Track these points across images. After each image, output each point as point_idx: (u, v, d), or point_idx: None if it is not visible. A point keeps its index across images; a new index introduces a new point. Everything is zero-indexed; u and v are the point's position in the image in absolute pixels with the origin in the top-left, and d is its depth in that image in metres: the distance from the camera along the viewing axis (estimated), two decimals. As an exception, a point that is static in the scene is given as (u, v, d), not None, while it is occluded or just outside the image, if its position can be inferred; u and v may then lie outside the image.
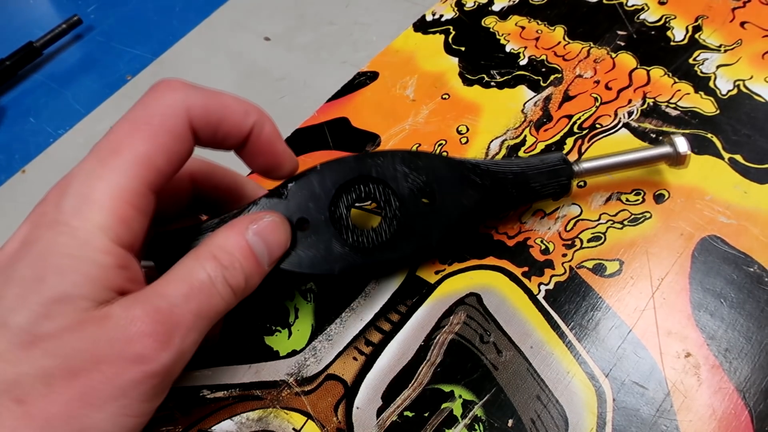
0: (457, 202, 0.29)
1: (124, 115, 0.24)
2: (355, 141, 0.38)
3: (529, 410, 0.28)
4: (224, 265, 0.24)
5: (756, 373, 0.28)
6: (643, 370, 0.28)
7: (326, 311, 0.32)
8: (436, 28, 0.42)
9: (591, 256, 0.31)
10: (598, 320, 0.30)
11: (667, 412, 0.27)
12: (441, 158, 0.30)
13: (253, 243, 0.25)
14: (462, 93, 0.39)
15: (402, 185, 0.29)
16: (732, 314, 0.29)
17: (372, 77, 0.40)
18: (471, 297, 0.31)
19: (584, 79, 0.38)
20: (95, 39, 0.48)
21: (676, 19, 0.39)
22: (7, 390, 0.20)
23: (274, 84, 0.42)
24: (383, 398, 0.29)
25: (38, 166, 0.41)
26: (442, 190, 0.29)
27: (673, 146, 0.31)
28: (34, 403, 0.20)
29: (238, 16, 0.47)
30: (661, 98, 0.36)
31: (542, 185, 0.30)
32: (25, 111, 0.44)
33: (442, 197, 0.29)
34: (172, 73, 0.44)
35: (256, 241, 0.25)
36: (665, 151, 0.31)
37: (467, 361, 0.29)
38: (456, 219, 0.29)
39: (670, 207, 0.32)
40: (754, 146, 0.34)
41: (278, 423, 0.29)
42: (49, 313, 0.20)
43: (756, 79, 0.36)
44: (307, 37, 0.44)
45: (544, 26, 0.41)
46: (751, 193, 0.32)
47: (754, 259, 0.30)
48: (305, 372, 0.30)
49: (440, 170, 0.29)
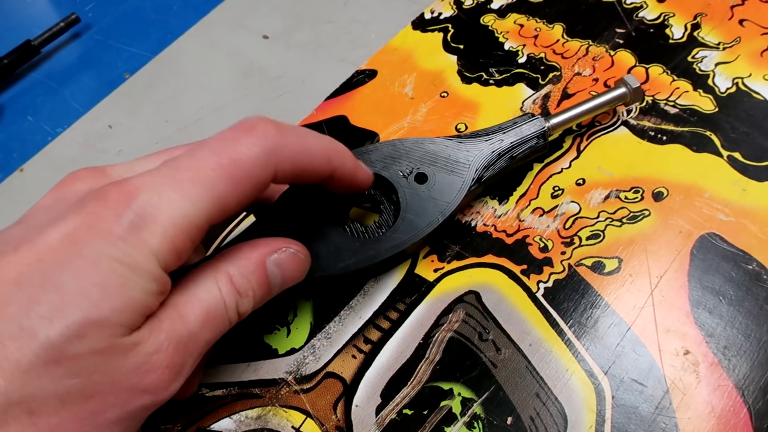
0: (449, 179, 0.31)
1: (212, 140, 0.23)
2: (354, 139, 0.38)
3: (528, 408, 0.28)
4: (239, 292, 0.24)
5: (755, 371, 0.28)
6: (642, 368, 0.28)
7: (325, 309, 0.32)
8: (434, 26, 0.42)
9: (590, 253, 0.31)
10: (597, 318, 0.30)
11: (666, 410, 0.27)
12: (423, 140, 0.32)
13: (271, 273, 0.25)
14: (461, 91, 0.39)
15: (394, 173, 0.30)
16: (731, 312, 0.29)
17: (371, 75, 0.40)
18: (470, 295, 0.31)
19: (583, 77, 0.38)
20: (93, 37, 0.48)
21: (675, 17, 0.39)
22: (22, 402, 0.20)
23: (273, 82, 0.42)
24: (382, 396, 0.29)
25: (36, 164, 0.41)
26: (434, 170, 0.31)
27: (626, 84, 0.34)
28: (45, 418, 0.20)
29: (236, 14, 0.46)
30: (660, 96, 0.36)
31: (522, 154, 0.32)
32: (23, 109, 0.44)
33: (434, 177, 0.31)
34: (171, 72, 0.44)
35: (274, 272, 0.25)
36: (621, 91, 0.34)
37: (466, 359, 0.29)
38: (453, 195, 0.30)
39: (669, 205, 0.32)
40: (753, 144, 0.34)
41: (277, 421, 0.29)
42: (83, 334, 0.20)
43: (755, 77, 0.36)
44: (306, 35, 0.44)
45: (543, 24, 0.41)
46: (750, 190, 0.32)
47: (752, 256, 0.30)
48: (304, 370, 0.30)
49: (427, 152, 0.31)
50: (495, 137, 0.32)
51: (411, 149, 0.31)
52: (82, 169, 0.26)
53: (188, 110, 0.42)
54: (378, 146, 0.31)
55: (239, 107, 0.41)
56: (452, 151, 0.31)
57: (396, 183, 0.30)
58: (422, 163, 0.31)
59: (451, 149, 0.31)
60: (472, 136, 0.32)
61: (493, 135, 0.32)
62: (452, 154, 0.31)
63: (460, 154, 0.31)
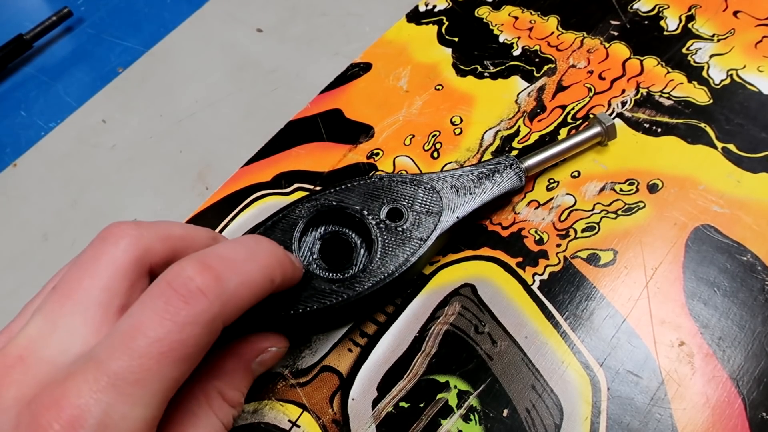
0: (426, 220, 0.30)
1: (139, 311, 0.20)
2: (349, 132, 0.38)
3: (524, 400, 0.28)
4: (233, 405, 0.24)
5: (749, 361, 0.28)
6: (638, 359, 0.28)
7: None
8: (429, 18, 0.42)
9: (585, 246, 0.32)
10: (592, 310, 0.30)
11: (661, 401, 0.27)
12: (399, 176, 0.31)
13: (255, 371, 0.26)
14: (455, 84, 0.38)
15: (368, 212, 0.30)
16: (725, 303, 0.29)
17: (365, 68, 0.40)
18: (466, 288, 0.31)
19: (578, 69, 0.38)
20: (86, 31, 0.48)
21: (669, 9, 0.39)
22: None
23: (267, 76, 0.42)
24: (378, 389, 0.29)
25: (30, 159, 0.40)
26: (411, 210, 0.30)
27: (600, 122, 0.33)
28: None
29: (230, 8, 0.46)
30: (655, 88, 0.36)
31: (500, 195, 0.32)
32: (16, 104, 0.44)
33: (409, 215, 0.30)
34: (164, 66, 0.44)
35: (257, 369, 0.26)
36: (596, 130, 0.33)
37: (462, 352, 0.29)
38: (427, 235, 0.30)
39: (664, 197, 0.32)
40: (747, 135, 0.34)
41: (274, 415, 0.29)
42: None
43: (749, 69, 0.36)
44: (300, 29, 0.44)
45: (538, 16, 0.41)
46: (744, 182, 0.32)
47: (747, 248, 0.30)
48: (300, 364, 0.30)
49: (402, 189, 0.30)
50: (476, 191, 0.31)
51: (393, 186, 0.31)
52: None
53: (182, 104, 0.41)
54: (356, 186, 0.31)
55: (233, 101, 0.41)
56: (430, 190, 0.31)
57: (369, 223, 0.29)
58: (403, 201, 0.30)
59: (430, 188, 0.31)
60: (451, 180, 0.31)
61: (474, 189, 0.31)
62: (428, 193, 0.31)
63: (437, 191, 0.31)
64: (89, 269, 0.22)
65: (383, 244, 0.29)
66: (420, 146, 0.36)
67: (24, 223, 0.38)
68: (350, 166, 0.36)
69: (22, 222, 0.38)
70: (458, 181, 0.31)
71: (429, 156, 0.36)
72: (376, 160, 0.36)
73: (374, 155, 0.36)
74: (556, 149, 0.33)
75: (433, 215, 0.30)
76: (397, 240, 0.29)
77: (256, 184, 0.37)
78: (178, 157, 0.39)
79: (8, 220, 0.38)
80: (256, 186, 0.36)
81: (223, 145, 0.39)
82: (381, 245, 0.29)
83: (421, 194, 0.30)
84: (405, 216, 0.30)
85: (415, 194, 0.30)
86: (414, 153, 0.36)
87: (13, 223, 0.38)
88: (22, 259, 0.36)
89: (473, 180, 0.31)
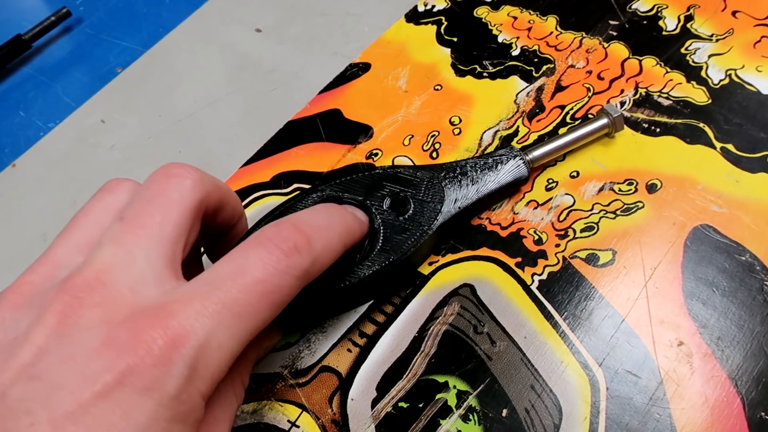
0: (428, 208, 0.30)
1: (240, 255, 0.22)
2: (348, 133, 0.38)
3: (524, 400, 0.28)
4: (243, 388, 0.26)
5: (748, 361, 0.28)
6: (636, 359, 0.28)
7: (320, 303, 0.32)
8: (428, 18, 0.42)
9: (584, 246, 0.32)
10: (591, 310, 0.30)
11: (660, 401, 0.27)
12: (402, 167, 0.31)
13: (258, 356, 0.28)
14: (454, 84, 0.38)
15: (371, 203, 0.30)
16: (724, 303, 0.29)
17: (364, 68, 0.40)
18: (465, 288, 0.31)
19: (576, 69, 0.38)
20: (84, 31, 0.48)
21: (668, 9, 0.39)
22: None
23: (266, 76, 0.42)
24: (378, 389, 0.29)
25: (29, 159, 0.40)
26: (413, 199, 0.30)
27: (608, 113, 0.33)
28: None
29: (229, 8, 0.46)
30: (654, 88, 0.36)
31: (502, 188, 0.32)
32: (15, 105, 0.44)
33: (411, 205, 0.30)
34: (163, 66, 0.44)
35: (260, 355, 0.29)
36: (603, 122, 0.33)
37: (461, 352, 0.29)
38: (430, 223, 0.30)
39: (663, 197, 0.32)
40: (746, 135, 0.34)
41: (273, 415, 0.29)
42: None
43: (748, 69, 0.36)
44: (299, 29, 0.44)
45: (536, 16, 0.41)
46: (743, 182, 0.32)
47: (745, 247, 0.31)
48: (299, 364, 0.30)
49: (405, 180, 0.31)
50: (479, 182, 0.32)
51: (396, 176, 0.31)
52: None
53: (181, 104, 0.41)
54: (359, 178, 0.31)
55: (232, 101, 0.41)
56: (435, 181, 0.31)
57: (373, 213, 0.30)
58: (407, 192, 0.31)
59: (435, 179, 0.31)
60: (454, 171, 0.32)
61: (477, 180, 0.32)
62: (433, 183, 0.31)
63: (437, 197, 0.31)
64: (160, 205, 0.22)
65: (385, 232, 0.29)
66: (419, 146, 0.36)
67: (23, 223, 0.38)
68: (349, 166, 0.36)
69: (22, 222, 0.38)
70: (461, 172, 0.32)
71: (428, 156, 0.36)
72: (375, 160, 0.36)
73: (373, 155, 0.36)
74: (562, 141, 0.33)
75: (435, 204, 0.30)
76: (399, 229, 0.30)
77: (255, 185, 0.37)
78: (177, 157, 0.39)
79: (7, 220, 0.38)
80: (255, 186, 0.36)
81: (222, 145, 0.39)
82: (383, 234, 0.29)
83: (423, 185, 0.31)
84: (408, 206, 0.30)
85: (418, 185, 0.31)
86: (413, 153, 0.36)
87: (13, 223, 0.38)
88: (21, 259, 0.36)
89: (477, 171, 0.32)
